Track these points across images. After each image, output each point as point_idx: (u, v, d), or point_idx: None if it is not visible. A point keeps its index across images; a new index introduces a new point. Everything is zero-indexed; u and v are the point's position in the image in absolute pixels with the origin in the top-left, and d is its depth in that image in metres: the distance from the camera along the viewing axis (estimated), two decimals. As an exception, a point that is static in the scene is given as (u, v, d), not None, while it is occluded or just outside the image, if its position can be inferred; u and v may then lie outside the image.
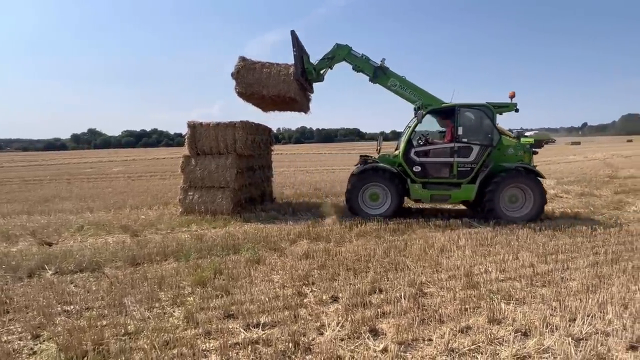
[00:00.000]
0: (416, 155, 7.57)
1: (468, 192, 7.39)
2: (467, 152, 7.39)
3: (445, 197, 7.55)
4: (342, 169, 21.65)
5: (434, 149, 7.65)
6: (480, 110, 7.40)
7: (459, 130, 7.36)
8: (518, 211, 7.30)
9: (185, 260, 5.15)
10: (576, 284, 4.15)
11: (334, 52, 8.04)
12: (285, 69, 8.01)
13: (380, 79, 7.94)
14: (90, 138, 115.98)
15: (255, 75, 8.04)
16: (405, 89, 7.91)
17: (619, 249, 5.39)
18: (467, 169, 7.42)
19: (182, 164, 8.48)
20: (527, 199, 7.30)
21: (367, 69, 7.96)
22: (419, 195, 7.58)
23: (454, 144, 7.39)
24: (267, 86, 8.01)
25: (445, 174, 7.53)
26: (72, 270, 4.86)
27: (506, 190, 7.22)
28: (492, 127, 7.35)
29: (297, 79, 7.86)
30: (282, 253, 5.45)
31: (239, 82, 8.06)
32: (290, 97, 8.05)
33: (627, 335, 3.03)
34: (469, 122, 7.48)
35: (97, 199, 11.12)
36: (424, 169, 7.57)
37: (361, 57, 7.98)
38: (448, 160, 7.48)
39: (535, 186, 7.19)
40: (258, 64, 8.13)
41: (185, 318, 3.47)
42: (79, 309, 3.74)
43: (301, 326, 3.30)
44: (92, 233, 6.93)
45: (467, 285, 4.12)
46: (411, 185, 7.52)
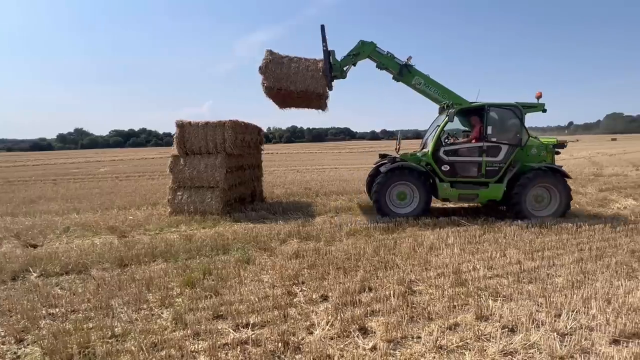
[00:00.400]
0: (445, 154, 7.53)
1: (496, 192, 7.42)
2: (496, 152, 7.41)
3: (473, 197, 7.55)
4: (333, 168, 21.70)
5: (463, 148, 7.60)
6: (509, 110, 7.43)
7: (488, 130, 7.35)
8: (544, 210, 7.38)
9: (174, 261, 5.11)
10: (561, 280, 4.22)
11: (359, 49, 7.93)
12: (314, 64, 7.82)
13: (405, 77, 7.90)
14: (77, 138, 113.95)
15: (283, 69, 7.76)
16: (429, 87, 7.91)
17: (603, 245, 5.51)
18: (495, 169, 7.43)
19: (171, 164, 8.39)
20: (552, 198, 7.39)
21: (392, 67, 7.92)
22: (447, 195, 7.56)
23: (483, 144, 7.38)
24: (294, 81, 7.74)
25: (473, 173, 7.52)
26: (57, 272, 4.78)
27: (533, 190, 7.30)
28: (521, 127, 7.39)
29: (326, 74, 7.73)
30: (272, 253, 5.43)
31: (267, 77, 7.72)
32: (317, 93, 7.85)
33: (610, 329, 3.10)
34: (498, 122, 7.51)
35: (84, 199, 10.93)
36: (452, 168, 7.55)
37: (386, 54, 7.94)
38: (477, 160, 7.46)
39: (562, 185, 7.29)
40: (286, 58, 7.88)
41: (173, 319, 3.44)
42: (65, 311, 3.68)
43: (291, 326, 3.29)
44: (79, 234, 6.82)
45: (456, 282, 4.16)
46: (439, 184, 7.49)
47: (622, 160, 21.64)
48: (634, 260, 4.82)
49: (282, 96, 8.21)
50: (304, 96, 8.03)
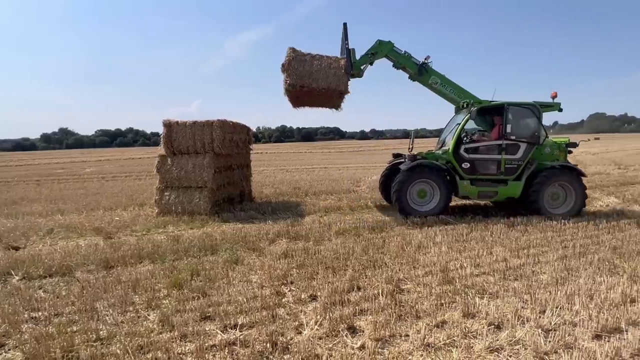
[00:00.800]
0: (465, 152, 7.58)
1: (515, 189, 7.51)
2: (515, 150, 7.50)
3: (492, 194, 7.63)
4: (322, 167, 21.70)
5: (483, 146, 7.66)
6: (528, 109, 7.54)
7: (508, 128, 7.43)
8: (560, 207, 7.51)
9: (161, 262, 5.04)
10: (546, 277, 4.30)
11: (376, 48, 7.95)
12: (336, 62, 7.78)
13: (423, 77, 7.97)
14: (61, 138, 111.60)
15: (306, 67, 7.66)
16: (446, 87, 7.99)
17: (586, 242, 5.62)
18: (514, 166, 7.53)
19: (158, 164, 8.29)
20: (567, 196, 7.53)
21: (409, 66, 7.97)
22: (467, 192, 7.60)
23: (503, 141, 7.47)
24: (317, 79, 7.64)
25: (493, 171, 7.60)
26: (40, 275, 4.68)
27: (550, 188, 7.42)
28: (539, 126, 7.52)
29: (348, 72, 7.71)
30: (261, 253, 5.41)
31: (290, 74, 7.59)
32: (339, 91, 7.80)
33: (593, 324, 3.16)
34: (518, 120, 7.59)
35: (69, 200, 10.72)
36: (472, 166, 7.60)
37: (404, 54, 7.98)
38: (496, 157, 7.54)
39: (577, 183, 7.42)
40: (308, 55, 7.78)
41: (160, 321, 3.39)
42: (48, 315, 3.60)
43: (279, 326, 3.28)
44: (63, 236, 6.69)
45: (443, 280, 4.20)
46: (460, 182, 7.53)
47: (604, 159, 22.14)
48: (616, 256, 4.94)
49: (303, 94, 8.06)
50: (325, 94, 7.95)
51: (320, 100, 8.48)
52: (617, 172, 15.49)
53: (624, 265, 4.62)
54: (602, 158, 23.37)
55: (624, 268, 4.52)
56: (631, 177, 13.51)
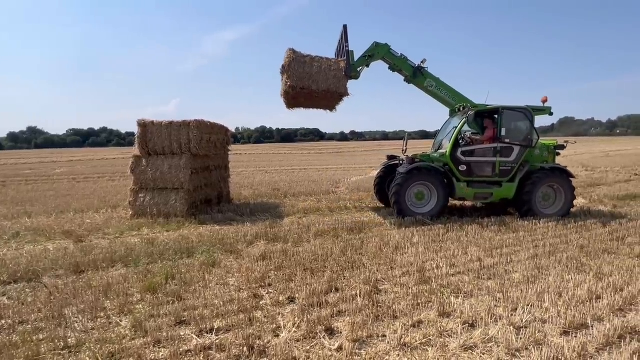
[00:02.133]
0: (462, 155, 7.72)
1: (509, 190, 7.71)
2: (509, 152, 7.70)
3: (487, 195, 7.80)
4: (302, 169, 21.66)
5: (479, 149, 7.82)
6: (521, 113, 7.75)
7: (502, 132, 7.63)
8: (550, 208, 7.74)
9: (135, 266, 4.90)
10: (518, 275, 4.44)
11: (373, 51, 7.98)
12: (336, 64, 7.74)
13: (418, 80, 8.07)
14: (30, 137, 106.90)
15: (306, 69, 7.58)
16: (440, 90, 8.11)
17: (555, 242, 5.84)
18: (508, 168, 7.73)
19: (132, 165, 8.07)
20: (557, 197, 7.78)
21: (405, 69, 8.05)
22: (464, 194, 7.74)
23: (498, 144, 7.65)
24: (317, 81, 7.57)
25: (488, 173, 7.77)
26: (4, 281, 4.45)
27: (542, 189, 7.64)
28: (532, 129, 7.75)
29: (347, 74, 7.69)
30: (239, 255, 5.34)
31: (291, 76, 7.47)
32: (339, 93, 7.76)
33: (561, 321, 3.28)
34: (511, 124, 7.82)
35: (37, 202, 10.28)
36: (469, 168, 7.75)
37: (400, 56, 8.04)
38: (491, 160, 7.72)
39: (567, 185, 7.69)
40: (308, 57, 7.70)
41: (133, 327, 3.29)
42: (12, 323, 3.43)
43: (256, 329, 3.24)
44: (30, 240, 6.40)
45: (420, 280, 4.26)
46: (457, 184, 7.65)
47: (573, 162, 23.04)
48: (583, 255, 5.15)
49: (302, 95, 7.95)
50: (324, 96, 7.90)
51: (318, 102, 8.44)
52: (585, 174, 16.17)
53: (590, 263, 4.82)
54: (570, 160, 24.32)
55: (590, 266, 4.72)
56: (598, 178, 14.13)
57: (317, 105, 8.62)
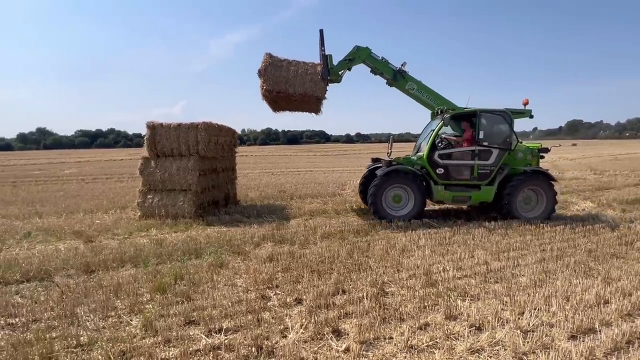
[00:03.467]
0: (440, 158, 7.71)
1: (487, 194, 7.68)
2: (487, 155, 7.66)
3: (465, 199, 7.77)
4: (307, 170, 21.72)
5: (457, 152, 7.80)
6: (499, 116, 7.71)
7: (480, 134, 7.60)
8: (532, 212, 7.70)
9: (144, 266, 4.97)
10: (525, 279, 4.43)
11: (354, 54, 8.04)
12: (313, 68, 7.86)
13: (399, 83, 8.08)
14: (39, 138, 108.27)
15: (282, 73, 7.75)
16: (422, 93, 8.12)
17: (563, 245, 5.81)
18: (486, 172, 7.69)
19: (141, 166, 8.16)
20: (539, 200, 7.72)
21: (386, 72, 8.07)
22: (442, 197, 7.73)
23: (475, 147, 7.62)
24: (293, 85, 7.75)
25: (466, 176, 7.75)
26: (17, 280, 4.54)
27: (522, 192, 7.60)
28: (511, 132, 7.70)
29: (324, 78, 7.78)
30: (246, 256, 5.39)
31: (266, 80, 7.69)
32: (316, 96, 7.87)
33: (569, 325, 3.28)
34: (490, 127, 7.77)
35: (47, 203, 10.43)
36: (446, 171, 7.73)
37: (381, 59, 8.07)
38: (469, 163, 7.69)
39: (548, 188, 7.63)
40: (285, 61, 7.86)
41: (143, 326, 3.35)
42: (25, 321, 3.51)
43: (264, 330, 3.28)
44: (41, 240, 6.50)
45: (426, 283, 4.28)
46: (434, 187, 7.65)
47: (581, 165, 22.87)
48: (591, 259, 5.12)
49: (280, 99, 8.16)
50: (302, 99, 8.04)
51: (298, 105, 8.60)
52: (593, 177, 16.02)
53: (599, 267, 4.80)
54: (579, 164, 24.12)
55: (598, 270, 4.69)
56: (606, 182, 14.00)
57: (299, 108, 8.78)
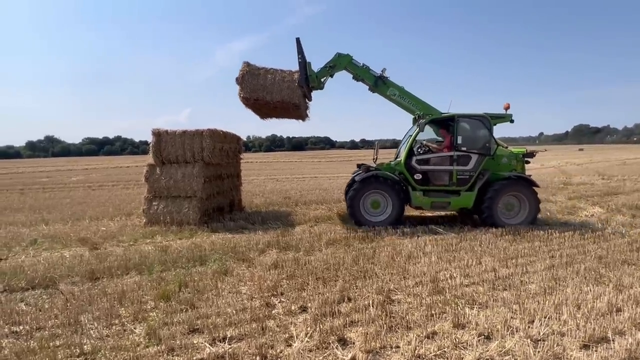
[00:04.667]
0: (417, 164, 7.68)
1: (467, 200, 7.60)
2: (466, 161, 7.59)
3: (445, 204, 7.70)
4: (312, 177, 21.71)
5: (435, 158, 7.76)
6: (478, 121, 7.64)
7: (458, 140, 7.55)
8: (514, 218, 7.59)
9: (149, 273, 4.95)
10: (534, 286, 4.34)
11: (335, 61, 8.10)
12: (290, 76, 7.96)
13: (380, 89, 8.09)
14: (47, 146, 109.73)
15: (259, 81, 7.92)
16: (404, 99, 8.10)
17: (572, 252, 5.71)
18: (466, 177, 7.61)
19: (147, 173, 8.19)
20: (522, 206, 7.61)
21: (368, 78, 8.09)
22: (420, 203, 7.68)
23: (454, 153, 7.56)
24: (271, 92, 7.91)
25: (445, 182, 7.69)
26: (22, 287, 4.54)
27: (503, 198, 7.50)
28: (490, 137, 7.61)
29: (301, 85, 7.85)
30: (251, 263, 5.36)
31: (244, 88, 7.89)
32: (294, 103, 7.98)
33: (580, 334, 3.19)
34: (468, 132, 7.70)
35: (54, 210, 10.50)
36: (424, 177, 7.69)
37: (362, 66, 8.10)
38: (448, 169, 7.63)
39: (530, 194, 7.52)
40: (262, 69, 8.02)
41: (147, 335, 3.32)
42: (29, 329, 3.49)
43: (269, 338, 3.24)
44: (47, 247, 6.52)
45: (433, 291, 4.21)
46: (412, 193, 7.62)
47: (589, 170, 22.62)
48: (601, 266, 5.02)
49: (259, 106, 8.34)
50: (281, 106, 8.17)
51: (280, 112, 8.77)
52: (601, 182, 15.83)
53: (610, 274, 4.69)
54: (586, 168, 23.89)
55: (609, 277, 4.59)
56: (615, 187, 13.81)
57: (283, 115, 8.96)
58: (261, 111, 8.75)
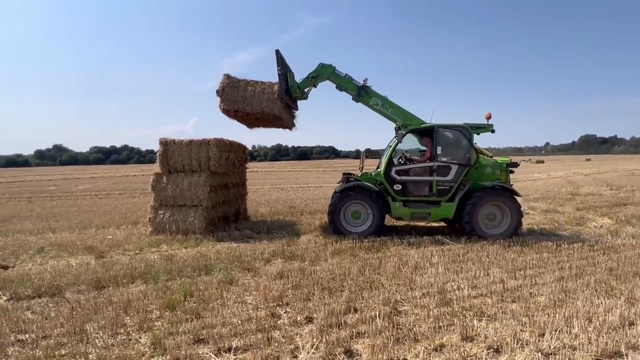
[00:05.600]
0: (397, 174, 7.68)
1: (447, 210, 7.54)
2: (446, 171, 7.56)
3: (425, 215, 7.66)
4: (317, 186, 21.69)
5: (414, 168, 7.77)
6: (458, 131, 7.60)
7: (438, 150, 7.53)
8: (496, 228, 7.49)
9: (154, 282, 4.94)
10: (544, 299, 4.27)
11: (318, 71, 8.20)
12: (269, 87, 8.11)
13: (363, 98, 8.14)
14: (55, 154, 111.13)
15: (239, 92, 8.09)
16: (386, 108, 8.13)
17: (582, 263, 5.62)
18: (446, 188, 7.57)
19: (153, 182, 8.24)
20: (504, 217, 7.51)
21: (350, 88, 8.16)
22: (400, 213, 7.67)
23: (433, 163, 7.55)
24: (251, 104, 8.07)
25: (425, 192, 7.66)
26: (29, 295, 4.56)
27: (484, 208, 7.42)
28: (470, 147, 7.55)
29: (280, 97, 7.95)
30: (256, 273, 5.34)
31: (224, 99, 8.09)
32: (274, 114, 8.11)
33: (593, 348, 3.12)
34: (448, 142, 7.66)
35: (61, 218, 10.57)
36: (404, 188, 7.68)
37: (345, 76, 8.17)
38: (428, 179, 7.61)
39: (512, 204, 7.42)
40: (242, 81, 8.18)
41: (152, 344, 3.30)
42: (35, 337, 3.49)
43: (274, 349, 3.20)
44: (54, 255, 6.56)
45: (441, 302, 4.15)
46: (392, 204, 7.61)
47: (597, 180, 22.40)
48: (612, 278, 4.93)
49: (241, 117, 8.59)
50: (262, 117, 8.40)
51: (263, 122, 9.01)
52: (610, 192, 15.64)
53: (621, 287, 4.61)
54: (594, 179, 23.66)
55: (620, 290, 4.51)
56: (623, 198, 13.64)
57: (267, 124, 9.19)
58: (245, 121, 9.00)
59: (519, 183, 21.36)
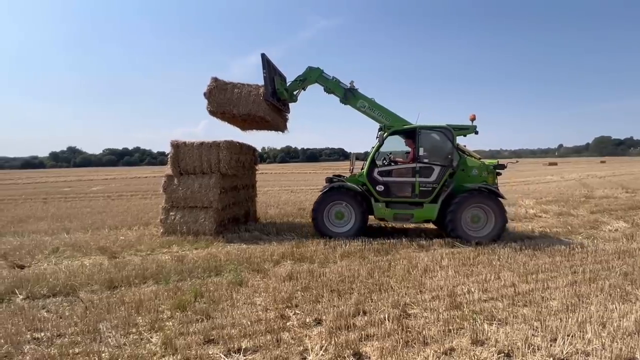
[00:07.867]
0: (379, 175, 7.70)
1: (430, 212, 7.51)
2: (429, 173, 7.53)
3: (408, 216, 7.66)
4: (326, 188, 21.68)
5: (397, 169, 7.79)
6: (440, 132, 7.56)
7: (420, 151, 7.54)
8: (480, 231, 7.39)
9: (165, 283, 5.01)
10: (556, 303, 4.21)
11: (306, 75, 8.32)
12: (255, 90, 8.25)
13: (350, 101, 8.18)
14: (69, 156, 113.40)
15: (226, 95, 8.26)
16: (373, 110, 8.15)
17: (596, 268, 5.52)
18: (428, 189, 7.54)
19: (165, 184, 8.35)
20: (488, 219, 7.41)
21: (337, 91, 8.22)
22: (383, 214, 7.70)
23: (416, 164, 7.55)
24: (237, 106, 8.23)
25: (407, 194, 7.65)
26: (44, 294, 4.66)
27: (468, 210, 7.34)
28: (452, 149, 7.48)
29: (266, 99, 8.07)
30: (266, 274, 5.37)
31: (211, 102, 8.27)
32: (260, 116, 8.25)
33: (606, 354, 3.07)
34: (430, 144, 7.65)
35: (75, 219, 10.78)
36: (387, 189, 7.70)
37: (332, 79, 8.25)
38: (410, 180, 7.61)
39: (496, 206, 7.31)
40: (230, 84, 8.35)
41: (163, 344, 3.35)
42: (50, 336, 3.57)
43: (284, 351, 3.22)
44: (68, 255, 6.69)
45: (451, 305, 4.12)
46: (375, 204, 7.65)
47: (611, 183, 21.95)
48: (627, 283, 4.83)
49: (228, 119, 8.75)
50: (250, 119, 8.54)
51: (252, 124, 9.14)
52: (625, 195, 15.30)
53: (636, 292, 4.51)
54: (609, 181, 23.18)
55: (636, 295, 4.42)
56: (639, 201, 13.34)
57: (258, 126, 9.34)
58: (235, 123, 9.15)
59: (532, 185, 21.05)
